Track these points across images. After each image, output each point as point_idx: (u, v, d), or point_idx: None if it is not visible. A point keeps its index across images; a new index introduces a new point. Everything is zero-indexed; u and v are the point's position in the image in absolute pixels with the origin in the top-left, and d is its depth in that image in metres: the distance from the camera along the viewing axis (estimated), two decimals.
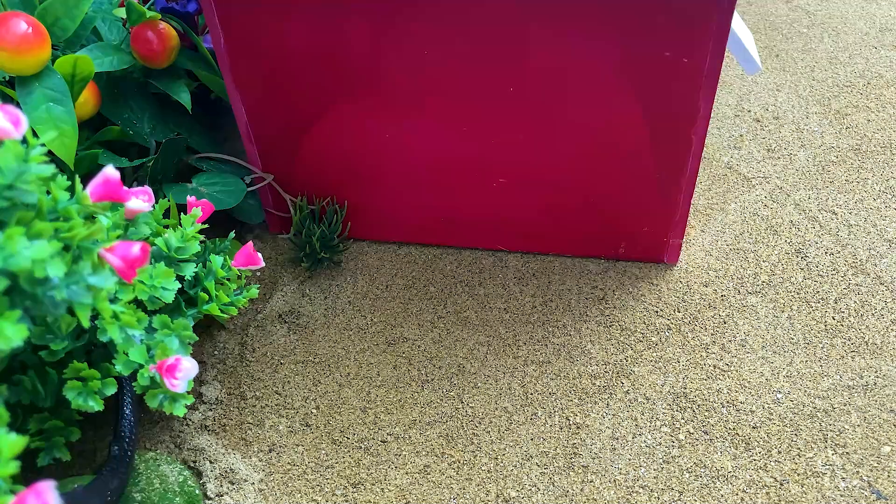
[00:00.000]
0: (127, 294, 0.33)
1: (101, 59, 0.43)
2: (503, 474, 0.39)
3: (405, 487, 0.39)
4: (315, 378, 0.44)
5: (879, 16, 0.65)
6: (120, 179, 0.31)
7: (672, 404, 0.41)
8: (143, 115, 0.47)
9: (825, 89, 0.59)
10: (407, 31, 0.39)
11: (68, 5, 0.40)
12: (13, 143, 0.27)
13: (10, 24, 0.37)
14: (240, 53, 0.41)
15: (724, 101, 0.58)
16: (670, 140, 0.41)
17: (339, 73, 0.41)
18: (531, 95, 0.40)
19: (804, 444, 0.39)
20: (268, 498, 0.39)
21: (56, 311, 0.27)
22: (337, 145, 0.45)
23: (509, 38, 0.38)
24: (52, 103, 0.39)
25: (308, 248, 0.48)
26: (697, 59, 0.37)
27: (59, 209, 0.29)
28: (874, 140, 0.55)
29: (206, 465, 0.40)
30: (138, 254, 0.29)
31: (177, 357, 0.34)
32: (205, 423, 0.42)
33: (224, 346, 0.45)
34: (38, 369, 0.35)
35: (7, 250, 0.26)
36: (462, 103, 0.41)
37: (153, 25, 0.44)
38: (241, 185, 0.47)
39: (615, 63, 0.38)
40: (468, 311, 0.46)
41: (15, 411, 0.35)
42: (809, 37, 0.64)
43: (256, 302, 0.47)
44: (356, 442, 0.41)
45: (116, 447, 0.36)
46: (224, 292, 0.39)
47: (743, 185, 0.52)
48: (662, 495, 0.38)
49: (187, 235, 0.37)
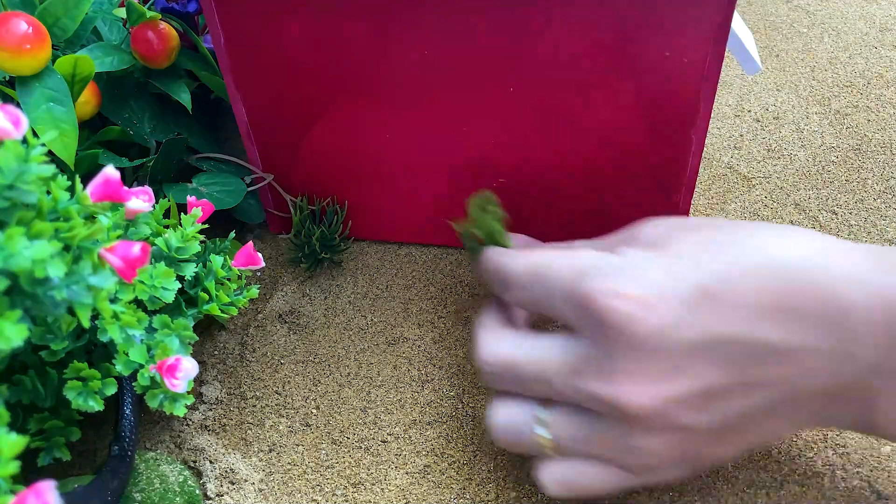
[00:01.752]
0: (127, 294, 0.33)
1: (102, 59, 0.43)
2: (503, 474, 0.39)
3: (405, 487, 0.39)
4: (315, 378, 0.44)
5: (880, 16, 0.65)
6: (120, 179, 0.31)
7: None
8: (143, 115, 0.47)
9: (825, 89, 0.59)
10: (407, 32, 0.39)
11: (68, 5, 0.40)
12: (13, 144, 0.27)
13: (10, 24, 0.37)
14: (240, 53, 0.41)
15: (724, 100, 0.58)
16: (670, 140, 0.41)
17: (340, 73, 0.41)
18: (531, 95, 0.40)
19: (804, 445, 0.39)
20: (268, 498, 0.39)
21: (56, 311, 0.27)
22: (337, 145, 0.45)
23: (509, 38, 0.38)
24: (52, 103, 0.39)
25: (308, 249, 0.48)
26: (697, 59, 0.37)
27: (60, 209, 0.29)
28: (874, 140, 0.55)
29: (207, 465, 0.40)
30: (138, 254, 0.29)
31: (177, 357, 0.34)
32: (205, 423, 0.42)
33: (224, 346, 0.45)
34: (39, 369, 0.35)
35: (7, 250, 0.26)
36: (462, 103, 0.41)
37: (153, 25, 0.44)
38: (241, 185, 0.47)
39: (615, 63, 0.38)
40: (468, 311, 0.46)
41: (15, 411, 0.35)
42: (810, 37, 0.64)
43: (256, 302, 0.47)
44: (356, 442, 0.41)
45: (116, 447, 0.36)
46: (224, 292, 0.39)
47: (743, 184, 0.52)
48: (663, 495, 0.38)
49: (187, 235, 0.37)
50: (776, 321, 0.30)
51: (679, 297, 0.30)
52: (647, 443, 0.31)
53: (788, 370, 0.30)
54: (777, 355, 0.30)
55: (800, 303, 0.30)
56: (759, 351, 0.30)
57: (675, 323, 0.29)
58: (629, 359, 0.30)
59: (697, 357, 0.30)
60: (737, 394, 0.30)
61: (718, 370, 0.30)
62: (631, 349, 0.29)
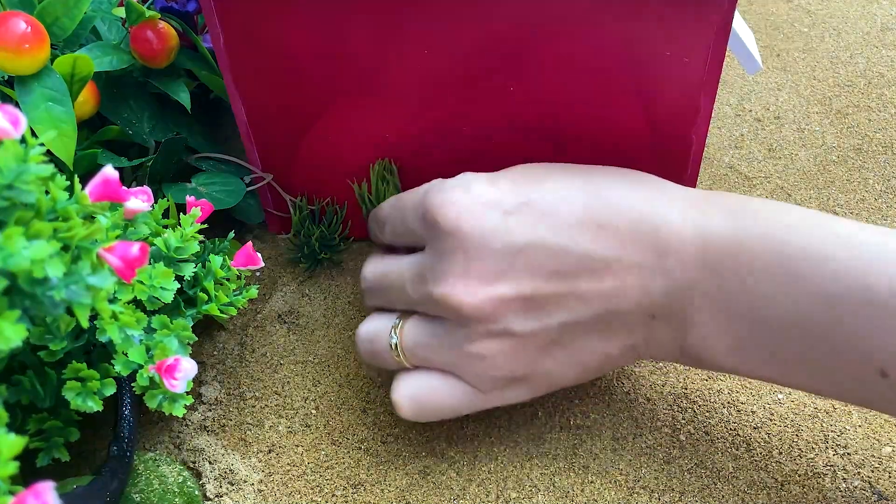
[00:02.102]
0: (126, 294, 0.33)
1: (101, 58, 0.43)
2: (503, 475, 0.39)
3: (405, 488, 0.39)
4: (315, 378, 0.44)
5: (881, 15, 0.65)
6: (119, 179, 0.30)
7: (673, 405, 0.41)
8: (142, 114, 0.46)
9: (826, 89, 0.59)
10: (407, 31, 0.39)
11: (67, 5, 0.40)
12: (12, 143, 0.27)
13: (9, 24, 0.37)
14: (239, 53, 0.41)
15: (724, 100, 0.58)
16: (671, 140, 0.41)
17: (340, 72, 0.41)
18: (532, 96, 0.40)
19: (805, 445, 0.39)
20: (267, 498, 0.39)
21: (55, 311, 0.27)
22: (337, 145, 0.45)
23: (510, 38, 0.38)
24: (51, 103, 0.39)
25: (307, 249, 0.48)
26: (698, 58, 0.37)
27: (59, 209, 0.29)
28: (875, 140, 0.55)
29: (206, 466, 0.40)
30: (137, 254, 0.29)
31: (176, 357, 0.34)
32: (204, 423, 0.42)
33: (223, 346, 0.45)
34: (38, 369, 0.35)
35: (6, 250, 0.26)
36: (462, 103, 0.41)
37: (152, 25, 0.44)
38: (240, 185, 0.47)
39: (615, 63, 0.38)
40: None
41: (14, 412, 0.35)
42: (810, 36, 0.64)
43: (256, 302, 0.47)
44: (356, 442, 0.41)
45: (115, 448, 0.36)
46: (223, 292, 0.39)
47: (744, 184, 0.52)
48: (663, 496, 0.38)
49: (186, 235, 0.37)
50: (595, 235, 0.33)
51: (503, 207, 0.34)
52: (484, 348, 0.34)
53: (605, 284, 0.33)
54: (594, 267, 0.33)
55: (618, 221, 0.33)
56: (578, 262, 0.33)
57: (497, 227, 0.33)
58: (458, 261, 0.33)
59: (520, 261, 0.33)
60: (558, 303, 0.33)
61: (540, 276, 0.33)
62: (460, 251, 0.33)
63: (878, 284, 0.29)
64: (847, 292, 0.30)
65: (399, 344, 0.36)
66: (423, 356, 0.36)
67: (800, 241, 0.31)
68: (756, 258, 0.31)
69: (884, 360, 0.30)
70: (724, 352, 0.34)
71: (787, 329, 0.31)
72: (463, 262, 0.33)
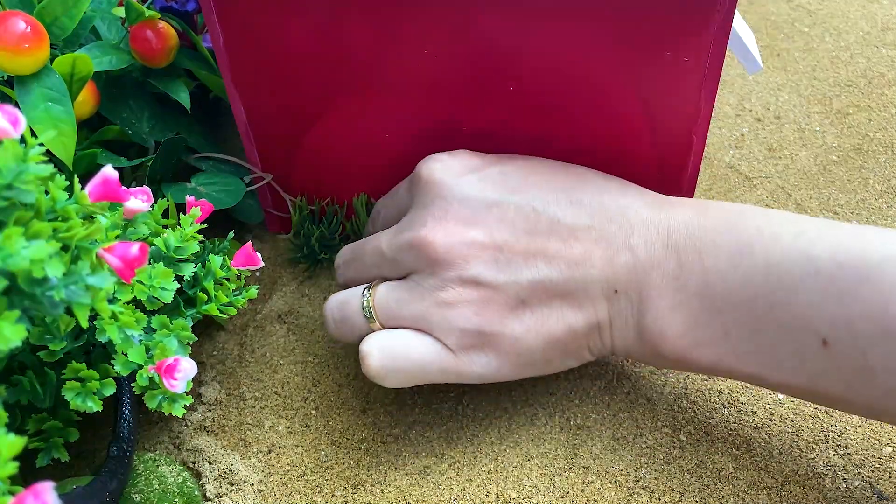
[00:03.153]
0: (126, 294, 0.33)
1: (100, 58, 0.43)
2: (503, 475, 0.39)
3: (405, 488, 0.39)
4: (315, 378, 0.44)
5: (881, 15, 0.65)
6: (119, 179, 0.30)
7: (673, 405, 0.41)
8: (141, 114, 0.46)
9: (826, 88, 0.59)
10: (407, 31, 0.39)
11: (67, 4, 0.40)
12: (12, 143, 0.27)
13: (8, 24, 0.37)
14: (239, 52, 0.41)
15: (724, 100, 0.58)
16: (671, 140, 0.41)
17: (340, 72, 0.41)
18: (531, 95, 0.40)
19: (805, 445, 0.39)
20: (267, 499, 0.39)
21: (55, 312, 0.27)
22: (337, 145, 0.45)
23: (510, 38, 0.38)
24: (50, 103, 0.39)
25: (307, 249, 0.48)
26: (698, 58, 0.37)
27: (58, 209, 0.29)
28: (876, 140, 0.55)
29: (206, 466, 0.40)
30: (137, 254, 0.29)
31: (176, 357, 0.33)
32: (204, 423, 0.42)
33: (223, 346, 0.45)
34: (37, 370, 0.35)
35: (6, 250, 0.26)
36: (462, 103, 0.41)
37: (152, 25, 0.44)
38: (240, 185, 0.46)
39: (615, 63, 0.38)
40: None
41: (13, 412, 0.35)
42: (811, 36, 0.63)
43: (255, 302, 0.47)
44: (356, 442, 0.41)
45: (115, 448, 0.36)
46: (223, 292, 0.39)
47: (744, 184, 0.52)
48: (663, 496, 0.38)
49: (186, 235, 0.37)
50: (568, 207, 0.36)
51: (484, 171, 0.38)
52: (453, 294, 0.35)
53: (573, 251, 0.35)
54: (564, 233, 0.35)
55: (589, 200, 0.36)
56: (549, 226, 0.35)
57: (475, 184, 0.37)
58: (437, 206, 0.36)
59: (495, 213, 0.36)
60: (527, 260, 0.35)
61: (512, 231, 0.35)
62: (439, 198, 0.36)
63: (821, 256, 0.31)
64: (792, 264, 0.32)
65: (370, 302, 0.37)
66: (395, 313, 0.36)
67: (755, 222, 0.34)
68: (714, 239, 0.34)
69: (825, 328, 0.31)
70: (680, 332, 0.34)
71: (737, 305, 0.33)
72: (441, 207, 0.36)
